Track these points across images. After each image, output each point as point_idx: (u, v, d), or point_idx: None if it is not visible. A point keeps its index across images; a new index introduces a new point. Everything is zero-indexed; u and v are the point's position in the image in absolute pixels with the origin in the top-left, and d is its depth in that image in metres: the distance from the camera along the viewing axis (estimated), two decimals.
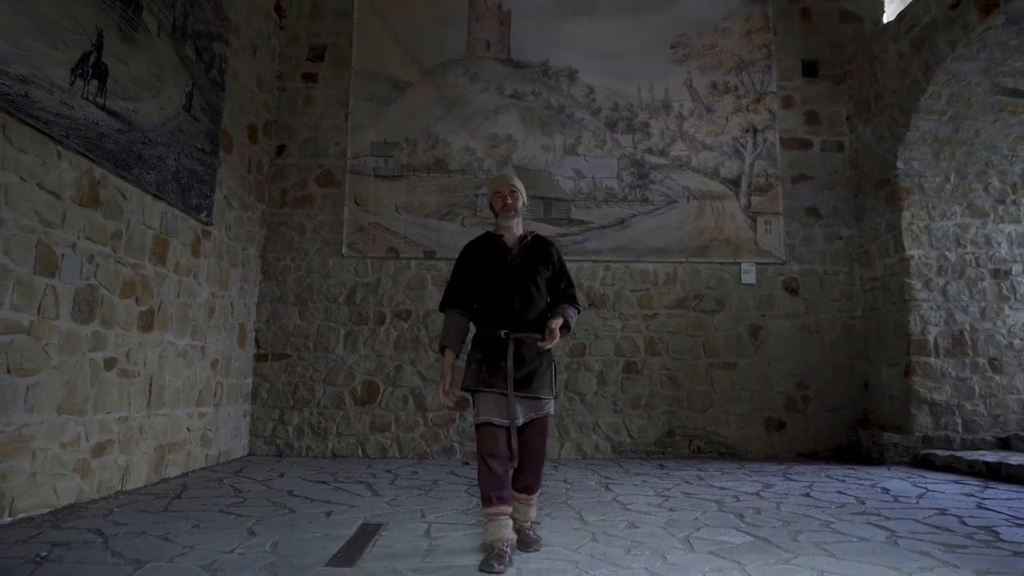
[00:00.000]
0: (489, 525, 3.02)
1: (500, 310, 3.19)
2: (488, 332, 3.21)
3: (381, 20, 7.45)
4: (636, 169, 7.33)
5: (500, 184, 3.41)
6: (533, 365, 3.15)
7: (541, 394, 3.14)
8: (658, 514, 3.96)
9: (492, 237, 3.42)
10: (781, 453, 6.89)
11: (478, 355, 3.20)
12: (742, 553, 3.04)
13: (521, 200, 3.40)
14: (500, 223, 3.39)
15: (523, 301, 3.20)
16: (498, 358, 3.12)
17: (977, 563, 2.84)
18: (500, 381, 3.08)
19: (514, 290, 3.21)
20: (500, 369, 3.09)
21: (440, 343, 3.36)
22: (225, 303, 6.24)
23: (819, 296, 7.20)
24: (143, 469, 4.87)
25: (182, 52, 5.28)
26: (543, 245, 3.41)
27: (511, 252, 3.32)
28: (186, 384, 5.51)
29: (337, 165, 7.27)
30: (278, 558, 2.94)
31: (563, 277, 3.38)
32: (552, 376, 3.23)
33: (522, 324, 3.16)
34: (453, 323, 3.33)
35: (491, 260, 3.32)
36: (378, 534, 3.41)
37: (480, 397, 3.12)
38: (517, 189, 3.38)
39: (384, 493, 4.68)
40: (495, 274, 3.27)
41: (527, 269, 3.27)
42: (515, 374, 3.08)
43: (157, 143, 4.94)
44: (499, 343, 3.15)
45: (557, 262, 3.39)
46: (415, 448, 6.82)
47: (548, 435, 3.25)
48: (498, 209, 3.38)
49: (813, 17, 7.67)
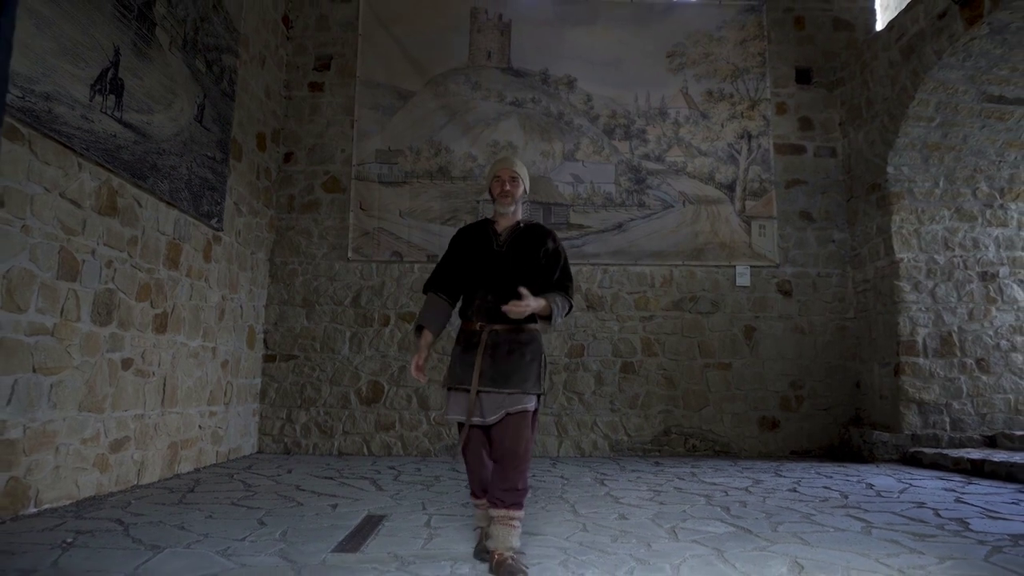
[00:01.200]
0: (476, 512, 3.10)
1: (479, 300, 3.02)
2: (466, 325, 3.05)
3: (386, 31, 7.67)
4: (633, 175, 7.53)
5: (500, 168, 3.17)
6: (513, 359, 2.92)
7: (519, 388, 2.87)
8: (648, 507, 4.15)
9: (485, 224, 3.23)
10: (775, 451, 7.07)
11: (456, 350, 3.04)
12: (723, 541, 3.23)
13: (522, 187, 3.16)
14: (497, 209, 3.17)
15: (504, 291, 2.93)
16: (472, 352, 2.94)
17: (941, 550, 3.03)
18: (471, 377, 2.89)
19: (494, 280, 3.01)
20: (473, 363, 2.91)
21: (415, 323, 3.19)
22: (235, 306, 6.46)
23: (812, 298, 7.37)
24: (157, 465, 5.09)
25: (193, 65, 5.50)
26: (538, 234, 3.16)
27: (499, 239, 3.12)
28: (198, 384, 5.74)
29: (343, 172, 7.49)
30: (288, 545, 3.14)
31: (556, 267, 3.12)
32: (539, 370, 2.97)
33: (499, 316, 2.91)
34: (432, 305, 3.17)
35: (477, 247, 3.13)
36: (381, 524, 3.61)
37: (450, 396, 3.00)
38: (518, 176, 3.15)
39: (388, 488, 4.88)
40: (478, 262, 3.08)
41: (513, 258, 3.05)
42: (490, 368, 2.88)
43: (171, 153, 5.17)
44: (475, 336, 2.98)
45: (551, 251, 3.12)
46: (418, 446, 7.03)
47: (525, 434, 2.88)
48: (495, 195, 3.17)
49: (807, 25, 7.85)
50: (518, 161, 3.21)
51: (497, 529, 2.79)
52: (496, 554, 2.74)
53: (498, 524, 2.80)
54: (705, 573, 2.69)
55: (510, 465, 2.83)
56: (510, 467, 2.83)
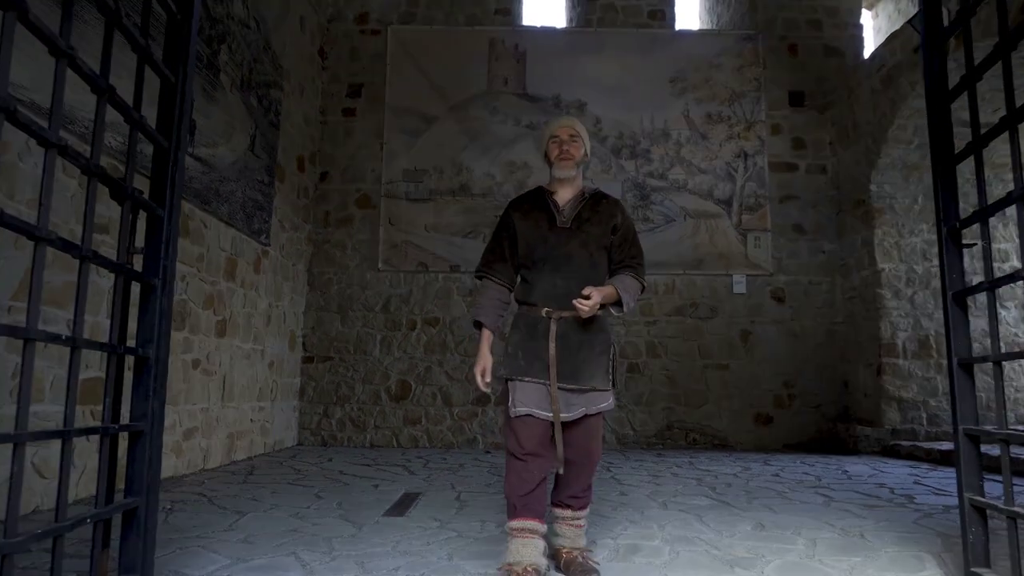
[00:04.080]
0: (512, 542, 2.50)
1: (543, 283, 2.66)
2: (528, 310, 2.68)
3: (412, 61, 8.41)
4: (638, 191, 8.21)
5: (557, 126, 2.78)
6: (584, 351, 2.61)
7: (595, 385, 2.61)
8: (646, 487, 4.83)
9: (542, 193, 2.83)
10: (769, 444, 7.71)
11: (516, 337, 2.68)
12: (704, 511, 3.90)
13: (583, 149, 2.77)
14: (555, 174, 2.76)
15: (572, 272, 2.64)
16: (539, 341, 2.60)
17: (881, 516, 3.69)
18: (541, 369, 2.56)
19: (562, 259, 2.67)
20: (541, 355, 2.58)
21: (473, 317, 2.81)
22: (279, 312, 7.21)
23: (803, 304, 8.01)
24: (218, 452, 5.84)
25: (248, 102, 6.26)
26: (606, 205, 2.78)
27: (562, 212, 2.74)
28: (250, 382, 6.48)
29: (373, 190, 8.23)
30: (345, 512, 3.85)
31: (629, 243, 2.77)
32: (610, 363, 2.67)
33: (568, 301, 2.57)
34: (490, 295, 2.79)
35: (536, 221, 2.74)
36: (418, 499, 4.31)
37: (517, 386, 2.60)
38: (579, 134, 2.76)
39: (419, 473, 5.59)
40: (540, 238, 2.71)
41: (581, 233, 2.70)
42: (560, 361, 2.56)
43: (229, 180, 5.92)
44: (540, 323, 2.63)
45: (621, 226, 2.75)
46: (443, 439, 7.74)
47: (600, 433, 2.70)
48: (553, 157, 2.75)
49: (800, 52, 8.50)
50: (576, 119, 2.84)
51: (565, 529, 2.67)
52: (565, 552, 2.63)
53: (565, 524, 2.68)
54: (684, 531, 3.36)
55: (586, 467, 2.67)
56: (586, 469, 2.67)
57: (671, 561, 2.80)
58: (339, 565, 2.70)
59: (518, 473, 2.52)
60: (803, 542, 3.12)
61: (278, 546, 3.00)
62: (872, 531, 3.33)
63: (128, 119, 2.01)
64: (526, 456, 2.51)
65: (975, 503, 2.23)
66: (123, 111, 1.93)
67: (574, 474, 2.65)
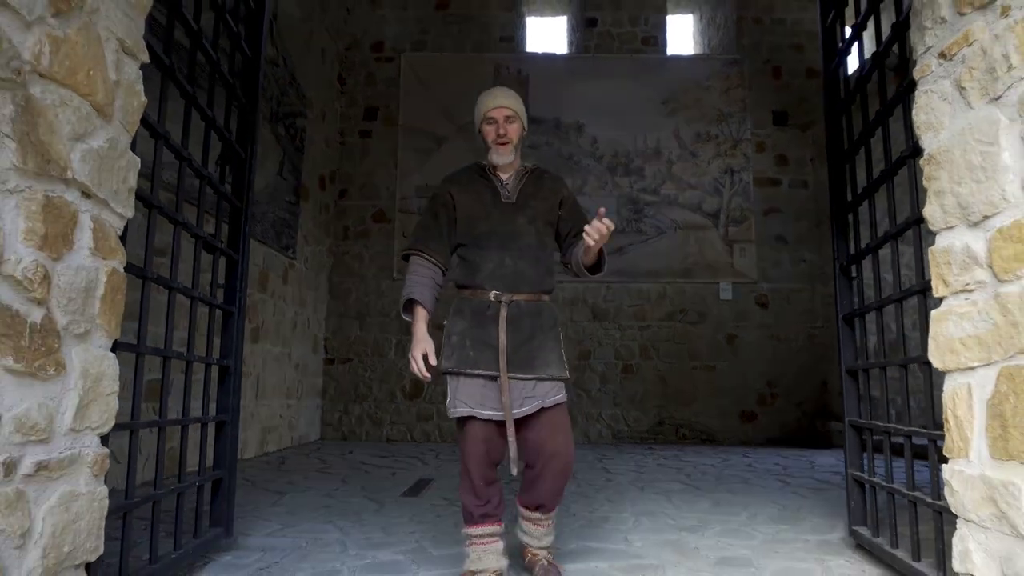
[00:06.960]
0: (473, 550, 2.39)
1: (489, 263, 2.47)
2: (473, 294, 2.49)
3: (423, 86, 9.12)
4: (632, 206, 8.88)
5: (489, 105, 2.52)
6: (538, 337, 2.43)
7: (552, 373, 2.42)
8: (630, 475, 5.51)
9: (481, 169, 2.63)
10: (752, 439, 8.36)
11: (460, 324, 2.48)
12: (675, 493, 4.58)
13: (521, 125, 2.56)
14: (493, 160, 2.55)
15: (520, 251, 2.47)
16: (487, 328, 2.40)
17: (822, 496, 4.36)
18: (492, 359, 2.37)
19: (508, 236, 2.48)
20: (491, 342, 2.38)
21: (405, 296, 2.54)
22: (303, 319, 7.94)
23: (786, 310, 8.65)
24: (253, 444, 6.57)
25: (277, 132, 6.98)
26: (549, 179, 2.66)
27: (506, 186, 2.56)
28: (279, 382, 7.21)
29: (388, 205, 8.95)
30: (368, 493, 4.56)
31: (579, 213, 2.65)
32: (561, 350, 2.49)
33: (519, 283, 2.44)
34: (421, 273, 2.54)
35: (479, 195, 2.55)
36: (431, 483, 5.02)
37: (459, 383, 2.42)
38: (515, 113, 2.54)
39: (431, 463, 6.29)
40: (483, 214, 2.51)
41: (528, 208, 2.53)
42: (512, 349, 2.37)
43: (261, 202, 6.64)
44: (489, 308, 2.43)
45: (567, 199, 2.64)
46: (453, 434, 8.44)
47: (567, 428, 2.49)
48: (490, 141, 2.54)
49: (783, 74, 9.13)
50: (511, 92, 2.59)
51: (532, 528, 2.51)
52: (531, 553, 2.52)
53: (532, 524, 2.51)
54: (652, 507, 4.04)
55: (557, 469, 2.42)
56: (556, 472, 2.43)
57: (633, 527, 3.48)
58: (367, 530, 3.41)
59: (468, 481, 2.41)
60: (746, 515, 3.80)
61: (316, 517, 3.72)
62: (808, 507, 4.00)
63: (217, 192, 2.74)
64: (474, 463, 2.40)
65: (856, 477, 2.90)
66: (214, 187, 2.65)
67: (546, 480, 2.42)
